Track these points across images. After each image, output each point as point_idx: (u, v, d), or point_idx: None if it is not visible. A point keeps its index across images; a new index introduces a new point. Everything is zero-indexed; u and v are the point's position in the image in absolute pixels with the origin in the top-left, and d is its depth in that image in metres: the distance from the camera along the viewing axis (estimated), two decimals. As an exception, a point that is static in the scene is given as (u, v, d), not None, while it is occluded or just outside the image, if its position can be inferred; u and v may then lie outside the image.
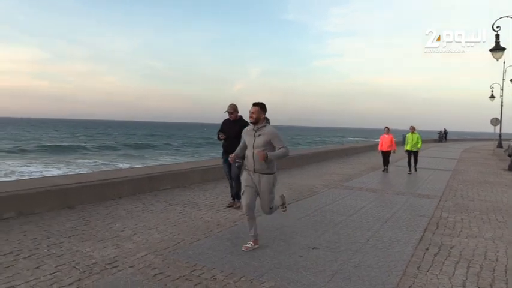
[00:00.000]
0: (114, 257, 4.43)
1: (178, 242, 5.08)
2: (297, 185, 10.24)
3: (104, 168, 27.12)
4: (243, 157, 5.03)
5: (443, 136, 45.31)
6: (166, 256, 4.54)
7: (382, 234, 5.81)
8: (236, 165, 6.92)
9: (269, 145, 4.73)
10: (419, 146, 14.31)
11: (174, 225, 5.89)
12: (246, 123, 6.43)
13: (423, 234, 5.87)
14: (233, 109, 7.11)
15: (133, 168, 12.02)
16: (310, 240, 5.36)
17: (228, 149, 7.08)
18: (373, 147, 27.69)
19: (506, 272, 4.42)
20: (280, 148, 4.71)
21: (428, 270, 4.39)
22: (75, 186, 6.97)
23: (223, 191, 8.88)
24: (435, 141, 44.44)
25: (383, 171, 14.10)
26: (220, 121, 7.33)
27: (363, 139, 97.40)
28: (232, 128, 7.07)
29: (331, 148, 22.95)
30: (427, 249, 5.17)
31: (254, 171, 4.79)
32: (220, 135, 7.10)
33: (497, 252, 5.17)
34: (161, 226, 5.83)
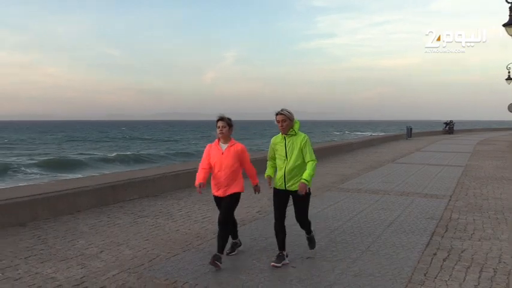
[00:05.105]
0: (81, 278, 4.62)
1: (154, 258, 5.30)
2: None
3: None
4: None
5: (452, 127, 46.51)
6: (142, 274, 4.75)
7: (385, 239, 6.13)
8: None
9: None
10: (306, 176, 5.11)
11: (147, 240, 6.10)
12: None
13: (431, 238, 6.22)
14: None
15: (93, 176, 12.13)
16: (304, 249, 5.64)
17: None
18: (371, 142, 28.16)
19: (521, 275, 4.78)
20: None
21: (437, 276, 4.72)
22: (25, 200, 7.09)
23: (200, 198, 9.09)
24: (444, 133, 45.52)
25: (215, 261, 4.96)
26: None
27: (360, 133, 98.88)
28: None
29: (324, 145, 23.34)
30: (435, 254, 5.51)
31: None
32: None
33: (513, 254, 5.54)
34: (132, 241, 6.03)
